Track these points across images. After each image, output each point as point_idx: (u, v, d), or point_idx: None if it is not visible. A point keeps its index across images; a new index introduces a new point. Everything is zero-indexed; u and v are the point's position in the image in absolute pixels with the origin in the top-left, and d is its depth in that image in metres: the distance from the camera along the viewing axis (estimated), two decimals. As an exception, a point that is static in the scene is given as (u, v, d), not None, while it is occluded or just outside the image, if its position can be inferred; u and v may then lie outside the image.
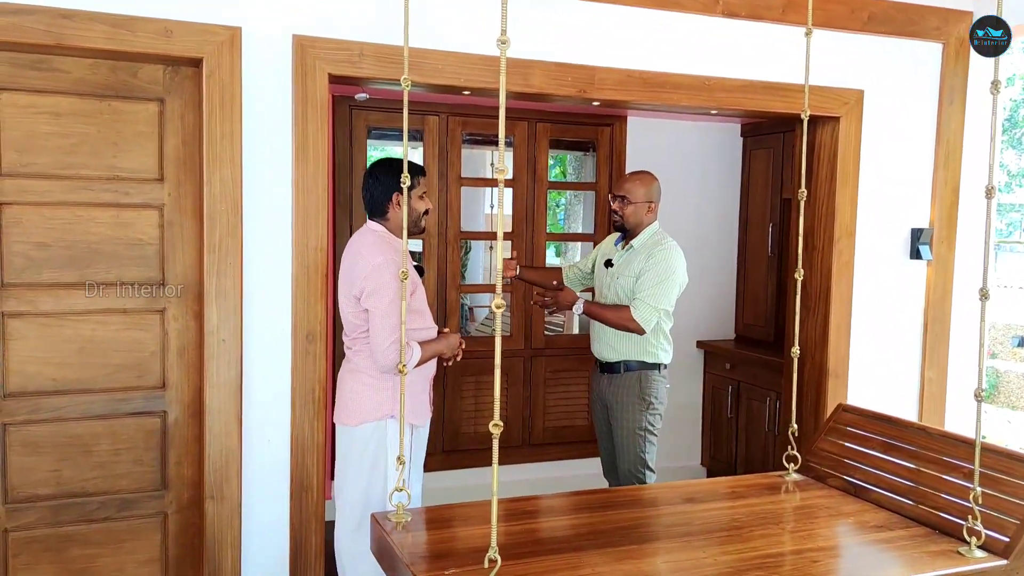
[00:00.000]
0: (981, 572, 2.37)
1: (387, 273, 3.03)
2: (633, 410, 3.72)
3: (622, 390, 3.74)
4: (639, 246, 3.74)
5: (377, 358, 3.06)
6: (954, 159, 4.29)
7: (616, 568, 2.28)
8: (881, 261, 4.23)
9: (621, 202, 3.73)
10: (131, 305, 3.11)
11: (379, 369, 3.10)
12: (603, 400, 3.84)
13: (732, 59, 3.79)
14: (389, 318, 3.01)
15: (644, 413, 3.72)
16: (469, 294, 6.55)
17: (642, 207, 3.71)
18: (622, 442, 3.75)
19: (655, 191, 3.75)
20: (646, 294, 3.60)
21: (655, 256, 3.65)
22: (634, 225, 3.74)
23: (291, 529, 3.21)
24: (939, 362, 4.38)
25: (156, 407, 3.16)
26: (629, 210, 3.72)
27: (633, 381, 3.72)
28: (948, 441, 2.83)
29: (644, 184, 3.73)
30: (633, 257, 3.73)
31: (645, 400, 3.72)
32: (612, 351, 3.76)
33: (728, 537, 2.54)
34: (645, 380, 3.72)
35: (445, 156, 4.84)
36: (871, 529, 2.63)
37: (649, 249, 3.69)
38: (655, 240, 3.73)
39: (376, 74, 3.17)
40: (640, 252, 3.72)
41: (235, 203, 3.05)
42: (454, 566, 2.24)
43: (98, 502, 3.11)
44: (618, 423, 3.76)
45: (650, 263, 3.64)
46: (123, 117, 3.06)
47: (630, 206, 3.71)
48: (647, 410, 3.73)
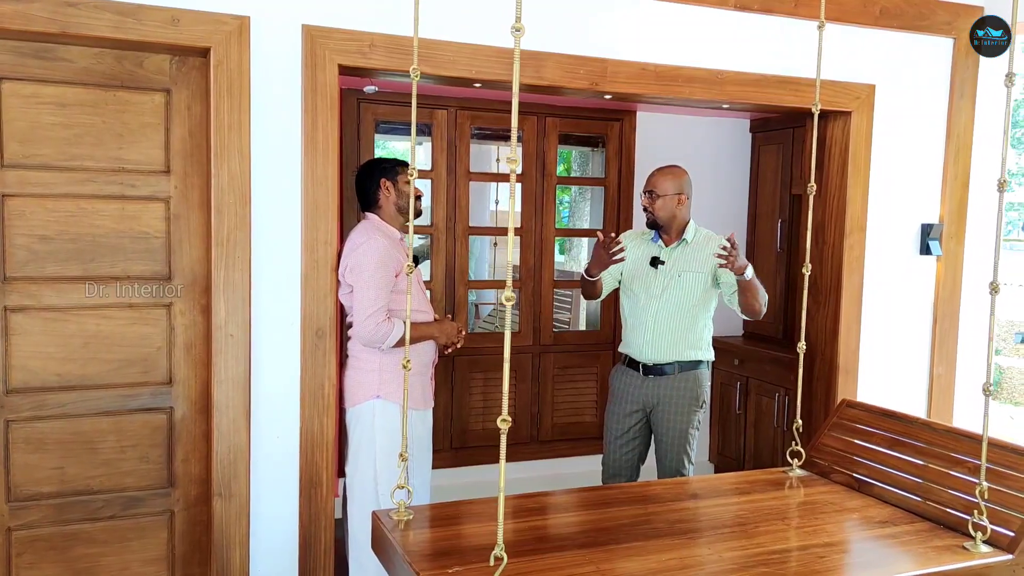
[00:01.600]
0: (987, 567, 2.36)
1: (368, 251, 3.17)
2: (688, 411, 3.67)
3: (675, 392, 3.67)
4: (692, 240, 3.70)
5: (357, 331, 3.18)
6: (964, 154, 4.26)
7: (622, 566, 2.27)
8: (891, 256, 4.21)
9: (650, 197, 3.68)
10: (137, 299, 3.09)
11: (361, 342, 3.20)
12: (643, 403, 3.73)
13: (744, 53, 3.77)
14: (368, 291, 3.13)
15: (698, 412, 3.69)
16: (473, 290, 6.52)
17: (671, 200, 3.65)
18: (671, 443, 3.68)
19: (686, 184, 3.70)
20: None
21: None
22: (666, 219, 3.68)
23: (300, 526, 3.19)
24: (948, 357, 4.35)
25: (163, 403, 3.14)
26: (659, 204, 3.65)
27: (689, 382, 3.67)
28: (953, 436, 2.81)
29: (672, 176, 3.68)
30: (692, 252, 3.67)
31: (699, 399, 3.69)
32: (663, 352, 3.66)
33: (733, 534, 2.52)
34: (700, 379, 3.69)
35: (454, 150, 4.82)
36: (876, 524, 2.62)
37: (708, 243, 3.66)
38: (707, 234, 3.73)
39: (386, 65, 3.15)
40: (697, 246, 3.68)
41: (244, 195, 3.03)
42: (457, 564, 2.22)
43: (103, 500, 3.09)
44: (668, 425, 3.68)
45: None
46: (129, 108, 3.03)
47: (659, 200, 3.65)
48: (700, 409, 3.70)
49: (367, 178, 3.40)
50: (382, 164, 3.42)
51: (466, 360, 4.96)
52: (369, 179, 3.39)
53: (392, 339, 3.14)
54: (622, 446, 3.78)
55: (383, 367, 3.21)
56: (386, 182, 3.36)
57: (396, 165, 3.40)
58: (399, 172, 3.37)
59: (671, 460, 3.70)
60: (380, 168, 3.40)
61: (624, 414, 3.76)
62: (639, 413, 3.74)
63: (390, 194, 3.36)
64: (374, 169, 3.42)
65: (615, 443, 3.80)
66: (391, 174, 3.36)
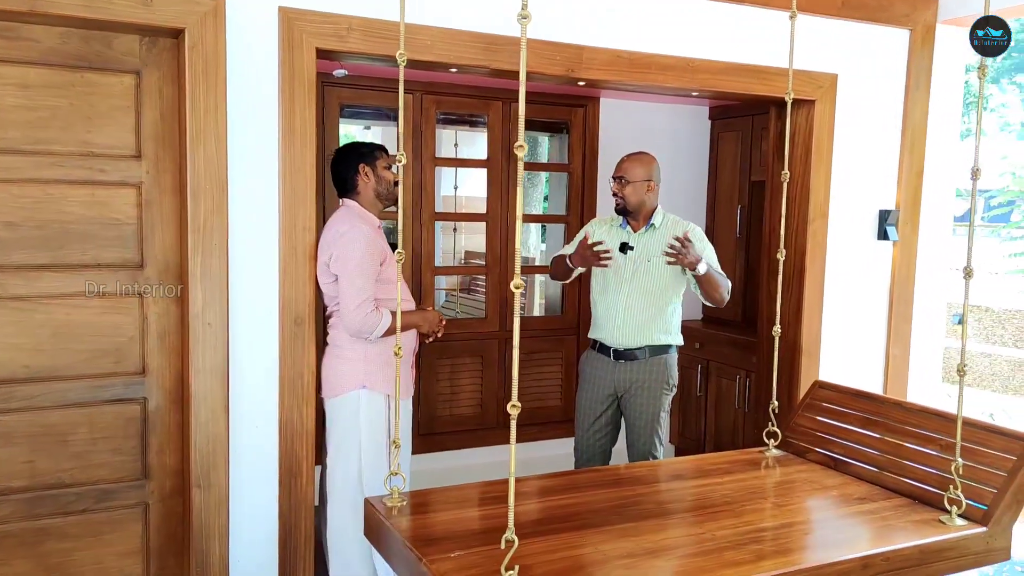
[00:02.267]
0: (963, 539, 2.46)
1: (353, 240, 3.12)
2: (658, 394, 3.72)
3: (645, 376, 3.71)
4: (661, 225, 3.73)
5: (345, 320, 3.13)
6: (919, 144, 4.39)
7: (617, 545, 2.30)
8: (851, 241, 4.32)
9: (620, 183, 3.71)
10: (108, 288, 2.99)
11: (348, 332, 3.16)
12: (614, 387, 3.77)
13: (715, 42, 3.81)
14: (356, 280, 3.09)
15: (668, 396, 3.75)
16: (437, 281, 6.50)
17: (641, 186, 3.70)
18: (642, 425, 3.73)
19: (655, 170, 3.74)
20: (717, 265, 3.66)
21: (695, 235, 3.68)
22: (636, 205, 3.72)
23: (280, 516, 3.15)
24: (903, 340, 4.49)
25: (135, 394, 3.06)
26: (629, 190, 3.69)
27: (659, 366, 3.71)
28: (924, 415, 2.90)
29: (641, 163, 3.72)
30: (660, 237, 3.70)
31: (669, 383, 3.74)
32: (633, 337, 3.70)
33: (721, 512, 2.58)
34: (670, 363, 3.74)
35: (420, 135, 4.78)
36: (855, 501, 2.70)
37: (676, 227, 3.71)
38: (675, 219, 3.77)
39: (364, 49, 3.11)
40: (665, 231, 3.71)
41: (220, 180, 2.95)
42: (458, 548, 2.23)
43: (75, 493, 3.00)
44: (640, 409, 3.73)
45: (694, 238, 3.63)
46: (97, 90, 2.93)
47: (629, 186, 3.69)
48: (669, 392, 3.75)
49: (344, 163, 3.32)
50: (360, 149, 3.34)
51: (433, 347, 4.93)
52: (346, 164, 3.31)
53: (381, 328, 3.11)
54: (596, 432, 3.82)
55: (368, 357, 3.18)
56: (365, 167, 3.29)
57: (375, 150, 3.34)
58: (378, 157, 3.31)
59: (643, 443, 3.75)
60: (358, 153, 3.32)
61: (596, 400, 3.80)
62: (611, 398, 3.78)
63: (369, 180, 3.30)
64: (352, 154, 3.33)
65: (588, 429, 3.83)
66: (369, 159, 3.29)
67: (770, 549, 2.36)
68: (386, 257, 3.22)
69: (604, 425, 3.81)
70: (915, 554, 2.38)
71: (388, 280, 3.21)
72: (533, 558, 2.16)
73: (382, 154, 3.33)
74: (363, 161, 3.29)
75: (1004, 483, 2.54)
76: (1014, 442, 2.60)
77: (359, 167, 3.29)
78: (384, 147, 3.37)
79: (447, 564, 2.12)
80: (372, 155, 3.31)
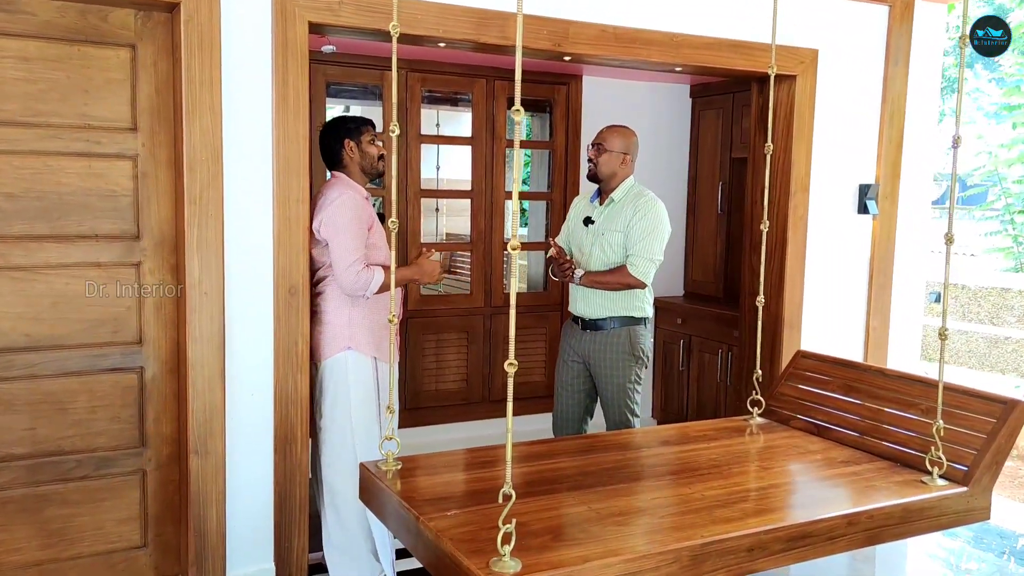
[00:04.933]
0: (944, 498, 2.55)
1: (342, 204, 3.19)
2: (624, 365, 3.77)
3: (610, 346, 3.76)
4: (620, 199, 3.76)
5: (339, 280, 3.19)
6: (898, 119, 4.47)
7: (610, 505, 2.37)
8: (832, 215, 4.40)
9: (596, 149, 3.74)
10: (105, 258, 3.03)
11: (344, 291, 3.21)
12: (582, 357, 3.84)
13: (699, 17, 3.86)
14: (345, 242, 3.15)
15: (634, 367, 3.79)
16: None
17: (616, 157, 3.72)
18: (612, 396, 3.79)
19: (633, 145, 3.78)
20: (640, 247, 3.65)
21: (641, 208, 3.69)
22: (608, 175, 3.75)
23: (275, 483, 3.20)
24: (882, 312, 4.59)
25: (133, 363, 3.10)
26: (603, 158, 3.72)
27: (623, 337, 3.76)
28: (905, 381, 2.99)
29: (622, 135, 3.76)
30: (616, 211, 3.75)
31: (635, 355, 3.78)
32: (597, 308, 3.76)
33: (710, 474, 2.66)
34: (634, 335, 3.77)
35: (405, 113, 4.82)
36: (839, 464, 2.78)
37: (632, 201, 3.73)
38: (636, 192, 3.77)
39: (356, 23, 3.14)
40: (623, 205, 3.74)
41: (216, 152, 2.99)
42: (453, 507, 2.29)
43: (75, 460, 3.04)
44: (607, 378, 3.79)
45: (637, 216, 3.68)
46: (93, 63, 2.96)
47: (605, 154, 3.72)
48: (636, 364, 3.79)
49: (331, 138, 3.37)
50: (346, 124, 3.38)
51: (418, 323, 5.00)
52: (333, 139, 3.36)
53: (375, 284, 3.16)
54: (569, 396, 3.91)
55: (352, 321, 3.24)
56: (350, 143, 3.33)
57: (361, 125, 3.37)
58: (363, 132, 3.35)
59: (614, 413, 3.82)
60: (344, 128, 3.36)
61: (567, 367, 3.91)
62: (580, 365, 3.86)
63: (354, 155, 3.34)
64: (338, 129, 3.38)
65: (563, 392, 3.94)
66: (355, 135, 3.33)
67: (758, 507, 2.44)
68: (373, 223, 3.27)
69: (576, 392, 3.90)
70: (898, 512, 2.47)
71: (374, 246, 3.26)
72: (529, 516, 2.22)
73: (367, 129, 3.36)
74: (348, 136, 3.34)
75: (983, 445, 2.63)
76: (993, 405, 2.69)
77: (344, 142, 3.33)
78: (371, 121, 3.41)
79: (445, 522, 2.18)
80: (358, 130, 3.34)
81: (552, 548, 2.07)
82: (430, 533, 2.14)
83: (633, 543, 2.13)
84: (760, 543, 2.24)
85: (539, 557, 2.00)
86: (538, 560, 1.98)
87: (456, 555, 2.00)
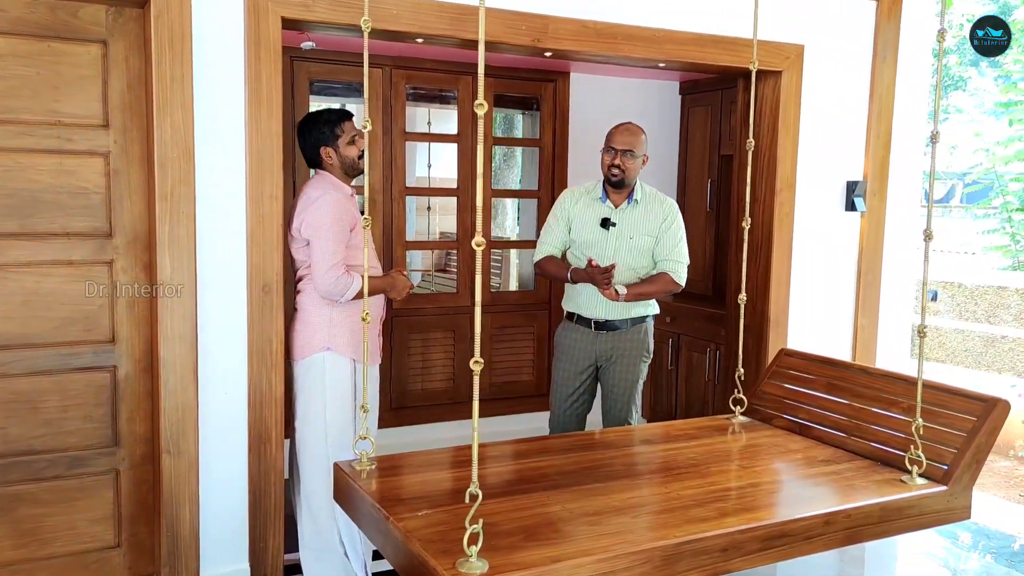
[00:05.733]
0: (923, 497, 2.52)
1: (324, 205, 3.15)
2: (638, 362, 3.72)
3: (628, 344, 3.70)
4: (642, 200, 3.67)
5: (317, 283, 3.16)
6: (886, 115, 4.43)
7: (585, 504, 2.34)
8: (819, 212, 4.37)
9: (625, 156, 3.55)
10: (77, 256, 3.00)
11: (320, 295, 3.18)
12: (594, 359, 3.73)
13: (682, 12, 3.82)
14: (327, 244, 3.12)
15: (645, 363, 3.76)
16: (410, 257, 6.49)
17: (640, 161, 3.61)
18: (620, 393, 3.74)
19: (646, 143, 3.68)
20: (678, 252, 3.65)
21: (670, 213, 3.65)
22: (632, 180, 3.62)
23: (250, 482, 3.17)
24: (871, 310, 4.56)
25: (105, 362, 3.07)
26: (631, 164, 3.56)
27: (641, 334, 3.72)
28: (887, 379, 2.97)
29: (643, 137, 3.62)
30: (642, 213, 3.65)
31: (648, 351, 3.75)
32: (616, 310, 3.65)
33: (687, 474, 2.64)
34: (648, 330, 3.75)
35: (389, 110, 4.78)
36: (819, 463, 2.76)
37: (657, 205, 3.68)
38: (653, 193, 3.72)
39: (330, 19, 3.11)
40: (647, 208, 3.66)
41: (187, 149, 2.96)
42: (425, 507, 2.26)
43: (47, 460, 3.01)
44: (620, 377, 3.72)
45: (668, 220, 3.64)
46: (64, 59, 2.93)
47: (633, 160, 3.57)
48: (648, 360, 3.77)
49: (307, 143, 3.30)
50: (321, 128, 3.28)
51: (404, 322, 4.96)
52: (309, 144, 3.29)
53: (351, 291, 3.13)
54: (573, 402, 3.79)
55: (332, 321, 3.21)
56: (327, 150, 3.27)
57: (335, 126, 3.27)
58: (338, 135, 3.27)
59: (620, 410, 3.75)
60: (319, 133, 3.27)
61: (575, 372, 3.75)
62: (590, 368, 3.76)
63: (333, 160, 3.28)
64: (312, 133, 3.29)
65: (566, 400, 3.79)
66: (331, 141, 3.26)
67: (735, 507, 2.41)
68: (356, 224, 3.23)
69: (580, 395, 3.80)
70: (876, 511, 2.44)
71: (358, 246, 3.22)
72: (501, 515, 2.20)
73: (342, 130, 3.27)
74: (324, 144, 3.27)
75: (964, 443, 2.60)
76: (974, 403, 2.67)
77: (321, 150, 3.27)
78: (349, 116, 3.34)
79: (415, 522, 2.15)
80: (333, 134, 3.26)
81: (522, 548, 2.04)
82: (399, 533, 2.12)
83: (605, 543, 2.10)
84: (735, 543, 2.21)
85: (508, 557, 1.97)
86: (507, 560, 1.95)
87: (423, 555, 1.98)
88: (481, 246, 1.87)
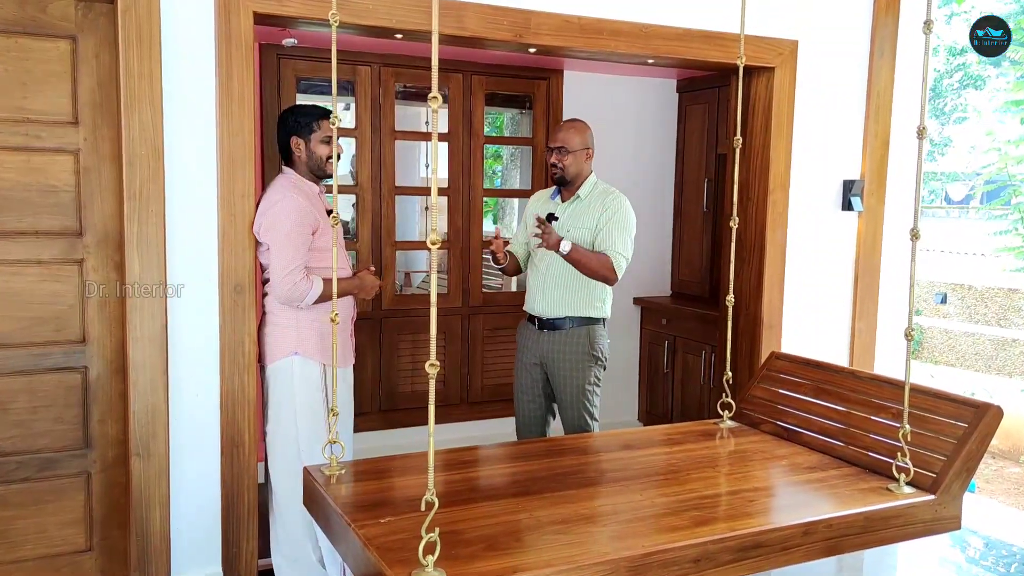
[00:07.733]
0: (909, 507, 2.43)
1: (284, 209, 3.08)
2: (582, 366, 3.65)
3: (568, 347, 3.65)
4: (586, 196, 3.65)
5: (274, 289, 3.11)
6: (884, 112, 4.34)
7: (554, 512, 2.27)
8: (814, 212, 4.27)
9: (560, 153, 3.61)
10: (46, 255, 2.95)
11: (278, 301, 3.13)
12: (539, 358, 3.72)
13: (670, 7, 3.74)
14: (284, 250, 3.06)
15: (593, 368, 3.68)
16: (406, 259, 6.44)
17: (580, 155, 3.62)
18: (570, 398, 3.68)
19: (590, 138, 3.67)
20: (617, 245, 3.55)
21: (611, 206, 3.59)
22: (575, 175, 3.63)
23: (223, 485, 3.12)
24: (869, 312, 4.46)
25: (76, 362, 3.03)
26: (568, 160, 3.60)
27: (582, 337, 3.65)
28: (876, 384, 2.88)
29: (579, 132, 3.64)
30: (583, 208, 3.64)
31: (593, 355, 3.67)
32: (557, 306, 3.64)
33: (665, 480, 2.56)
34: (593, 335, 3.66)
35: (378, 109, 4.72)
36: (804, 470, 2.67)
37: (600, 199, 3.62)
38: (603, 189, 3.67)
39: (303, 13, 3.05)
40: (589, 202, 3.64)
41: (156, 147, 2.91)
42: (390, 514, 2.20)
43: (16, 462, 2.97)
44: (565, 380, 3.67)
45: (608, 213, 3.57)
46: (32, 55, 2.88)
47: (569, 156, 3.60)
48: (595, 364, 3.68)
49: (281, 130, 3.24)
50: (298, 118, 3.22)
51: (394, 322, 4.91)
52: (283, 132, 3.23)
53: (312, 296, 3.07)
54: (530, 400, 3.79)
55: (300, 324, 3.14)
56: (297, 140, 3.20)
57: (314, 120, 3.21)
58: (313, 130, 3.20)
59: (572, 416, 3.70)
60: (295, 122, 3.21)
61: (526, 366, 3.78)
62: (538, 367, 3.74)
63: (301, 153, 3.21)
64: (288, 122, 3.23)
65: (523, 397, 3.81)
66: (305, 131, 3.19)
67: (710, 516, 2.33)
68: (319, 226, 3.16)
69: (536, 396, 3.78)
70: (859, 521, 2.35)
71: (323, 248, 3.16)
72: (466, 523, 2.13)
73: (319, 126, 3.20)
74: (297, 133, 3.20)
75: (954, 450, 2.51)
76: (965, 409, 2.57)
77: (292, 140, 3.20)
78: (328, 114, 3.24)
79: (376, 529, 2.09)
80: (308, 127, 3.19)
81: (483, 557, 1.97)
82: (359, 540, 2.05)
83: (568, 552, 2.02)
84: (707, 553, 2.13)
85: (467, 567, 1.91)
86: (465, 570, 1.89)
87: (379, 564, 1.91)
88: (436, 244, 1.81)
